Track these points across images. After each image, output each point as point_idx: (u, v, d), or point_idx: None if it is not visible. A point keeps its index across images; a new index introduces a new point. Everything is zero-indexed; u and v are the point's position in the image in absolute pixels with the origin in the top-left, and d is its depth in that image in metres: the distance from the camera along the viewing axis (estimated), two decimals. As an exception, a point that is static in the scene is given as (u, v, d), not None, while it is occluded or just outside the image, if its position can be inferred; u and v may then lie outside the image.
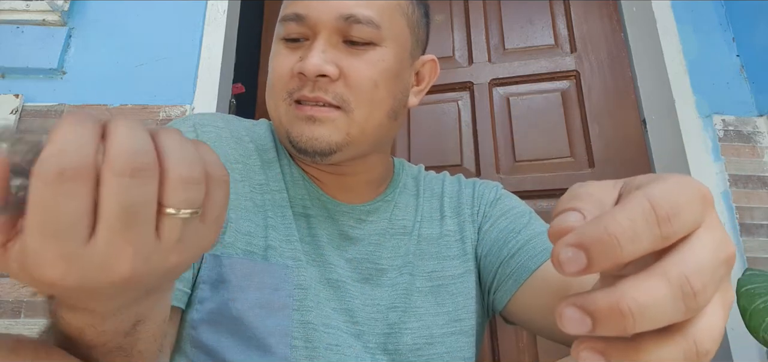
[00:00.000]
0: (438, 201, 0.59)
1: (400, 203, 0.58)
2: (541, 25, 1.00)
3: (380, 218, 0.57)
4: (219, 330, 0.48)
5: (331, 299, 0.51)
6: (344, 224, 0.56)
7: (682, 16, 0.90)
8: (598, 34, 0.97)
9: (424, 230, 0.56)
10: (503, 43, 1.00)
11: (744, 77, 0.86)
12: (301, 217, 0.54)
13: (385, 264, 0.53)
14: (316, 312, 0.50)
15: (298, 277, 0.51)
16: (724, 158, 0.81)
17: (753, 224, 0.77)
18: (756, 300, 0.55)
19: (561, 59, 0.96)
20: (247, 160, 0.55)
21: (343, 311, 0.51)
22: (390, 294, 0.52)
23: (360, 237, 0.55)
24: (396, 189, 0.59)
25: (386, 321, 0.51)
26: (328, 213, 0.55)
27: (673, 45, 0.87)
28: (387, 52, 0.51)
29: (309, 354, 0.48)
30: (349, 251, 0.54)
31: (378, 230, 0.56)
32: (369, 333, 0.50)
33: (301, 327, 0.49)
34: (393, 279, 0.53)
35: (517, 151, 0.92)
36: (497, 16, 1.02)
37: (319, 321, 0.50)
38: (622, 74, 0.94)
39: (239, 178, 0.53)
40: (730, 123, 0.83)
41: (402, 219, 0.56)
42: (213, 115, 0.58)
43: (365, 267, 0.53)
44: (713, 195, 0.77)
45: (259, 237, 0.51)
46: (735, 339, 0.70)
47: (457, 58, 1.00)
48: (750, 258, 0.75)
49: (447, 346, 0.50)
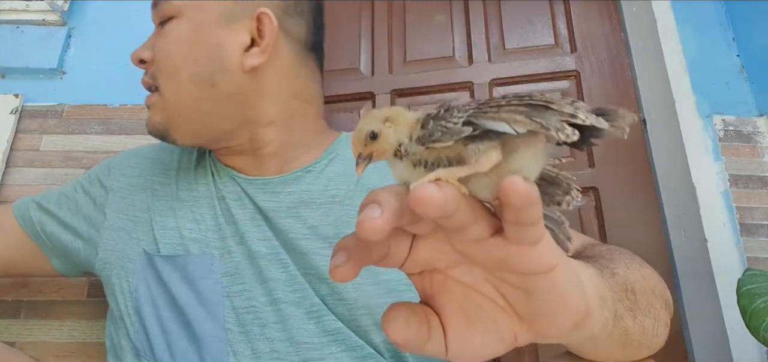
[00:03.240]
0: (382, 173, 0.56)
1: (330, 173, 0.57)
2: (541, 25, 1.00)
3: (298, 188, 0.56)
4: (161, 321, 0.50)
5: (256, 280, 0.51)
6: (258, 198, 0.56)
7: (682, 16, 0.90)
8: (598, 34, 0.97)
9: (359, 199, 0.54)
10: (503, 43, 1.00)
11: (744, 77, 0.86)
12: (222, 201, 0.56)
13: (312, 234, 0.52)
14: (247, 295, 0.50)
15: (224, 264, 0.52)
16: (724, 158, 0.81)
17: (753, 224, 0.77)
18: (756, 300, 0.55)
19: (561, 59, 0.96)
20: (166, 165, 0.61)
21: (269, 290, 0.51)
22: (324, 264, 0.51)
23: (274, 209, 0.55)
24: (324, 160, 0.58)
25: (318, 293, 0.50)
26: (241, 191, 0.57)
27: (673, 45, 0.88)
28: (180, 21, 0.54)
29: (244, 337, 0.49)
30: (267, 225, 0.54)
31: (296, 201, 0.54)
32: (303, 303, 0.50)
33: (233, 312, 0.50)
34: (320, 248, 0.51)
35: (517, 151, 0.92)
36: (497, 16, 1.02)
37: (249, 303, 0.50)
38: (622, 74, 0.94)
39: (160, 184, 0.59)
40: (730, 123, 0.83)
41: (332, 189, 0.55)
42: (129, 153, 0.67)
43: (288, 238, 0.53)
44: (713, 195, 0.77)
45: (186, 230, 0.53)
46: (735, 339, 0.70)
47: (457, 58, 1.00)
48: (750, 258, 0.75)
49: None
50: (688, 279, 0.80)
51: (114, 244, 0.57)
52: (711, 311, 0.74)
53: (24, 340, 0.78)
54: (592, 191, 0.88)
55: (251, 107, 0.55)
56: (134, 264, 0.54)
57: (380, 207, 0.19)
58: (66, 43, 0.98)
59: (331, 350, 0.47)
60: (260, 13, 0.54)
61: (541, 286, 0.22)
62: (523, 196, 0.17)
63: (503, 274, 0.22)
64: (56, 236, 0.62)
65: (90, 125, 0.91)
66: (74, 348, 0.78)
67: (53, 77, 0.96)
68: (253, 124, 0.56)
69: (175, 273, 0.52)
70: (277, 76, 0.56)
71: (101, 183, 0.63)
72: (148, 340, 0.50)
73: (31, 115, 0.92)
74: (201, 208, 0.56)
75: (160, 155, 0.64)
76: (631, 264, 0.40)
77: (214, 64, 0.53)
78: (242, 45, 0.54)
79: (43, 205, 0.64)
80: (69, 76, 0.96)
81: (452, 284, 0.24)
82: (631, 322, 0.33)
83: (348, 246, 0.22)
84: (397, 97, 1.00)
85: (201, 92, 0.53)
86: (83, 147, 0.90)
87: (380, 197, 0.19)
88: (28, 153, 0.90)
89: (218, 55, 0.53)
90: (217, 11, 0.54)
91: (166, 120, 0.55)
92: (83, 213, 0.62)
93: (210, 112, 0.54)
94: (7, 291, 0.81)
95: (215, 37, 0.54)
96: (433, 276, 0.25)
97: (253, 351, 0.47)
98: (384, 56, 1.03)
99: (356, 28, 1.07)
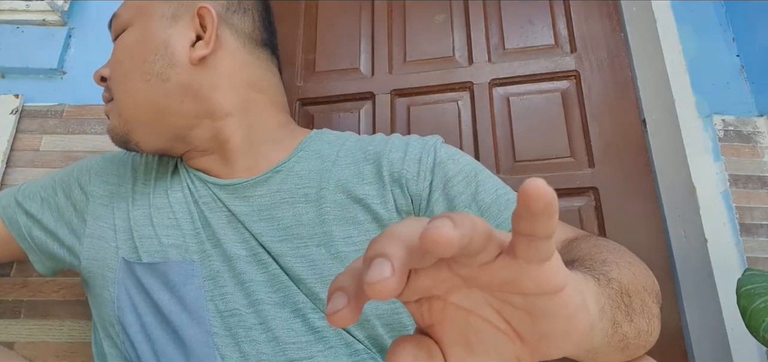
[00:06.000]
0: (356, 167, 0.56)
1: (300, 171, 0.57)
2: (541, 25, 1.00)
3: (269, 190, 0.56)
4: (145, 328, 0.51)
5: (235, 282, 0.52)
6: (229, 202, 0.57)
7: (682, 16, 0.90)
8: (598, 34, 0.97)
9: (330, 196, 0.53)
10: (503, 43, 1.00)
11: (744, 77, 0.86)
12: (197, 205, 0.57)
13: (285, 235, 0.52)
14: (229, 298, 0.50)
15: (205, 269, 0.52)
16: (724, 158, 0.81)
17: (753, 224, 0.77)
18: (756, 300, 0.55)
19: (561, 59, 0.96)
20: (146, 172, 0.62)
21: (249, 292, 0.51)
22: (299, 264, 0.50)
23: (246, 213, 0.55)
24: (293, 158, 0.58)
25: (301, 292, 0.50)
26: (213, 196, 0.58)
27: (673, 45, 0.88)
28: (130, 30, 0.58)
29: (231, 341, 0.49)
30: (243, 227, 0.54)
31: (268, 203, 0.55)
32: (287, 303, 0.50)
33: (218, 315, 0.50)
34: (296, 248, 0.51)
35: (517, 150, 0.92)
36: (497, 16, 1.02)
37: (232, 306, 0.50)
38: (622, 74, 0.94)
39: (139, 193, 0.60)
40: (730, 123, 0.83)
41: (304, 187, 0.55)
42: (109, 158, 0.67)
43: (262, 241, 0.52)
44: (713, 195, 0.77)
45: (164, 237, 0.54)
46: (735, 340, 0.70)
47: (457, 58, 1.00)
48: (750, 258, 0.75)
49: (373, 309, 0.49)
50: (688, 279, 0.80)
51: (95, 253, 0.57)
52: (711, 311, 0.74)
53: (24, 340, 0.78)
54: (592, 191, 0.88)
55: (206, 99, 0.56)
56: (114, 273, 0.54)
57: (390, 263, 0.17)
58: (66, 43, 0.98)
59: (318, 347, 0.47)
60: (200, 8, 0.57)
61: (548, 307, 0.21)
62: (545, 200, 0.17)
63: (507, 296, 0.22)
64: (42, 241, 0.62)
65: (90, 125, 0.91)
66: (74, 348, 0.78)
67: (53, 77, 0.96)
68: (211, 116, 0.57)
69: (156, 281, 0.52)
70: (228, 67, 0.58)
71: (81, 188, 0.63)
72: (134, 349, 0.50)
73: (31, 115, 0.92)
74: (178, 214, 0.56)
75: (139, 161, 0.64)
76: (621, 263, 0.40)
77: (163, 60, 0.55)
78: (188, 40, 0.57)
79: (29, 211, 0.63)
80: (69, 76, 0.96)
81: (452, 310, 0.23)
82: (628, 327, 0.33)
83: (345, 287, 0.20)
84: (397, 97, 1.00)
85: (153, 89, 0.55)
86: (83, 147, 0.90)
87: (388, 250, 0.18)
88: (28, 153, 0.90)
89: (165, 52, 0.56)
90: (161, 13, 0.57)
91: (124, 123, 0.58)
92: (65, 220, 0.62)
93: (166, 108, 0.56)
94: (7, 291, 0.81)
95: (161, 37, 0.56)
96: (431, 303, 0.23)
97: (241, 353, 0.47)
98: (384, 56, 1.03)
99: (356, 28, 1.07)
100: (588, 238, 0.49)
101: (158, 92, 0.55)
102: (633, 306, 0.35)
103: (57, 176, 0.66)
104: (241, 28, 0.60)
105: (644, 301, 0.38)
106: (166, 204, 0.57)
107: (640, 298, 0.37)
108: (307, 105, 1.03)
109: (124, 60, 0.57)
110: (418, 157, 0.54)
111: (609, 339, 0.29)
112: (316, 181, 0.55)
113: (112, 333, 0.53)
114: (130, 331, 0.51)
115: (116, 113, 0.58)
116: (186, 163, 0.61)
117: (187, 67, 0.55)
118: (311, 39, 1.08)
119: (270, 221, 0.53)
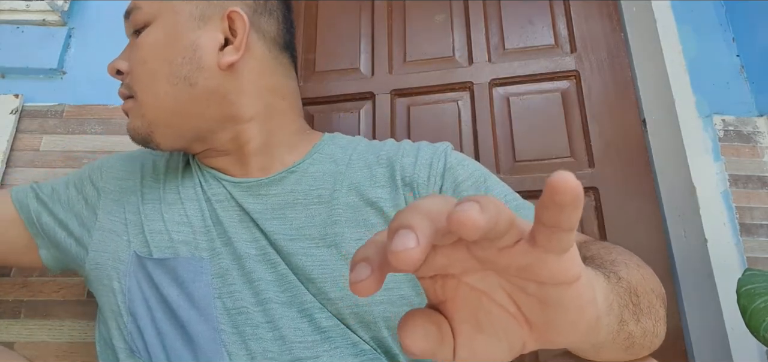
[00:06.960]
0: (369, 171, 0.56)
1: (314, 173, 0.57)
2: (541, 25, 1.00)
3: (283, 189, 0.56)
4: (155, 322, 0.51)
5: (244, 281, 0.52)
6: (243, 200, 0.57)
7: (682, 16, 0.90)
8: (598, 34, 0.97)
9: (343, 198, 0.54)
10: (503, 43, 1.00)
11: (744, 77, 0.86)
12: (208, 202, 0.57)
13: (297, 235, 0.53)
14: (237, 296, 0.51)
15: (214, 266, 0.52)
16: (724, 158, 0.81)
17: (753, 224, 0.77)
18: (756, 299, 0.55)
19: (561, 59, 0.96)
20: (156, 168, 0.62)
21: (258, 291, 0.51)
22: (309, 264, 0.51)
23: (259, 211, 0.55)
24: (307, 160, 0.58)
25: (308, 292, 0.50)
26: (226, 193, 0.57)
27: (673, 45, 0.88)
28: (155, 27, 0.56)
29: (238, 338, 0.49)
30: (255, 226, 0.54)
31: (281, 202, 0.55)
32: (294, 302, 0.50)
33: (225, 313, 0.50)
34: (307, 248, 0.52)
35: (517, 150, 0.92)
36: (497, 16, 1.02)
37: (240, 304, 0.51)
38: (622, 74, 0.94)
39: (149, 188, 0.60)
40: (730, 123, 0.83)
41: (317, 189, 0.55)
42: (121, 155, 0.67)
43: (274, 239, 0.53)
44: (713, 195, 0.77)
45: (174, 233, 0.54)
46: (735, 339, 0.70)
47: (457, 58, 1.00)
48: (750, 258, 0.75)
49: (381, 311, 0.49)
50: (688, 279, 0.80)
51: (105, 246, 0.57)
52: (711, 311, 0.74)
53: (24, 340, 0.78)
54: (592, 191, 0.88)
55: (231, 104, 0.56)
56: (126, 265, 0.54)
57: (415, 235, 0.17)
58: (66, 43, 0.98)
59: (324, 347, 0.47)
60: (230, 12, 0.56)
61: (561, 297, 0.21)
62: (572, 194, 0.17)
63: (522, 282, 0.22)
64: (50, 227, 0.62)
65: (90, 125, 0.91)
66: (74, 348, 0.78)
67: (53, 77, 0.96)
68: (234, 121, 0.57)
69: (166, 276, 0.52)
70: (254, 73, 0.57)
71: (93, 184, 0.63)
72: (143, 340, 0.50)
73: (31, 115, 0.92)
74: (189, 210, 0.56)
75: (150, 158, 0.64)
76: (630, 264, 0.40)
77: (191, 63, 0.54)
78: (217, 44, 0.55)
79: (40, 196, 0.64)
80: (69, 76, 0.96)
81: (465, 289, 0.24)
82: (634, 326, 0.33)
83: (368, 257, 0.20)
84: (397, 97, 1.00)
85: (180, 93, 0.54)
86: (83, 147, 0.90)
87: (414, 222, 0.18)
88: (28, 153, 0.90)
89: (194, 55, 0.54)
90: (189, 13, 0.56)
91: (147, 124, 0.56)
92: (75, 211, 0.62)
93: (191, 112, 0.55)
94: (7, 291, 0.81)
95: (189, 38, 0.55)
96: (445, 281, 0.24)
97: (248, 351, 0.48)
98: (384, 56, 1.03)
99: (356, 28, 1.07)
100: (596, 241, 0.51)
101: (184, 96, 0.54)
102: (640, 306, 0.35)
103: (70, 175, 0.67)
104: (267, 32, 0.59)
105: (652, 302, 0.38)
106: (177, 201, 0.57)
107: (648, 299, 0.37)
108: (307, 105, 1.03)
109: (149, 59, 0.55)
110: (429, 162, 0.55)
111: (614, 335, 0.30)
112: (329, 183, 0.55)
113: (120, 324, 0.53)
114: (140, 323, 0.51)
115: (139, 114, 0.56)
116: (200, 160, 0.61)
117: (215, 72, 0.54)
118: (311, 39, 1.09)
119: (283, 220, 0.53)
